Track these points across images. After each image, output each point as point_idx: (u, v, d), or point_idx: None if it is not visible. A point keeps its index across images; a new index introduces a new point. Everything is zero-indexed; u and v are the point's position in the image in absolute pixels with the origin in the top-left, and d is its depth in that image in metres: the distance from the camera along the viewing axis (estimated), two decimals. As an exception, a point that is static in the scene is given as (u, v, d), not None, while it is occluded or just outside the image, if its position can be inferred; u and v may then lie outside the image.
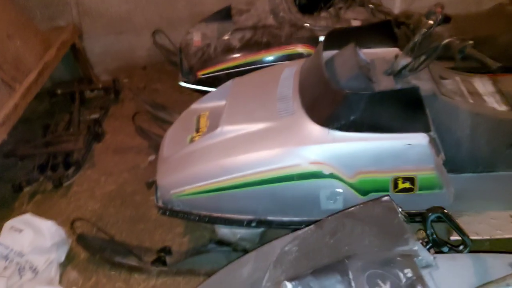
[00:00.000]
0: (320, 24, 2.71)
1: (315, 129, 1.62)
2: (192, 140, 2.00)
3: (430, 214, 1.07)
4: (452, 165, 1.64)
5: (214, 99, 2.26)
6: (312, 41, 2.66)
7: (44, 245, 1.96)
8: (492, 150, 1.67)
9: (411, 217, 1.57)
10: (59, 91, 3.39)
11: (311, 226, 1.09)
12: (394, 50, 2.03)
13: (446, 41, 1.58)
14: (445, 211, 1.12)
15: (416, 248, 0.89)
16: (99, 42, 3.95)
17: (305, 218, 1.67)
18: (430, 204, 1.61)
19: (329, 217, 1.10)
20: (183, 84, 2.85)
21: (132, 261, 2.02)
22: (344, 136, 1.58)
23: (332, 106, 1.59)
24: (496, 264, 0.89)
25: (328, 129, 1.59)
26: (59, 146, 2.82)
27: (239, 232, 1.79)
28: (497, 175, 1.71)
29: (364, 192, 1.61)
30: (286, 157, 1.63)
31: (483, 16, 2.89)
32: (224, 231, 1.81)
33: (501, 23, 2.73)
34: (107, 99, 3.53)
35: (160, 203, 1.84)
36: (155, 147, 2.82)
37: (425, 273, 0.84)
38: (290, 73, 2.04)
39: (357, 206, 1.10)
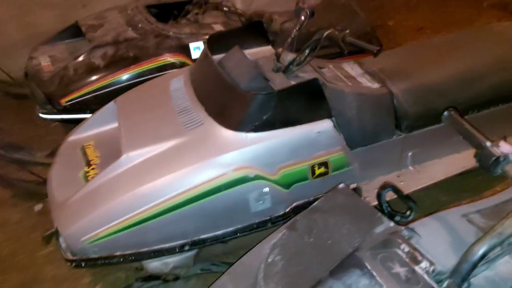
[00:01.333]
0: (185, 31, 2.67)
1: (231, 135, 1.60)
2: (86, 177, 1.77)
3: (383, 190, 1.17)
4: (347, 143, 1.82)
5: (94, 126, 2.05)
6: (181, 49, 2.61)
7: None
8: (375, 123, 1.91)
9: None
10: None
11: (284, 231, 1.08)
12: (268, 49, 2.15)
13: (327, 32, 1.74)
14: (394, 184, 1.24)
15: (391, 224, 0.97)
16: None
17: (238, 226, 1.65)
18: (343, 182, 1.77)
19: (297, 217, 1.10)
20: (44, 116, 2.49)
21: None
22: (260, 136, 1.60)
23: (244, 110, 1.59)
24: (454, 218, 1.03)
25: (244, 132, 1.59)
26: None
27: (172, 261, 1.66)
28: (380, 144, 1.96)
29: (287, 186, 1.67)
30: (209, 169, 1.57)
31: (317, 8, 3.27)
32: (154, 265, 1.66)
33: (334, 13, 3.12)
34: None
35: (69, 256, 1.58)
36: (26, 195, 2.42)
37: (413, 243, 0.92)
38: (178, 84, 1.97)
39: (319, 200, 1.14)
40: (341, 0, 3.21)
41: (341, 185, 1.16)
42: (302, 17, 1.86)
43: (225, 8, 2.99)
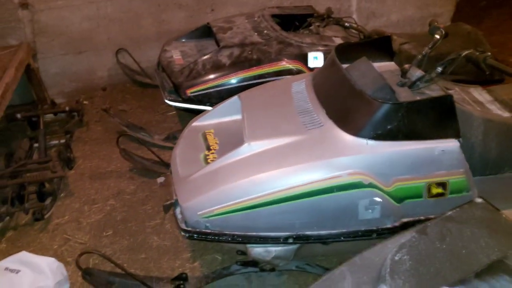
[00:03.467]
0: (306, 41, 2.78)
1: (351, 140, 1.63)
2: (206, 159, 1.91)
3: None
4: (469, 168, 1.73)
5: (216, 116, 2.20)
6: (300, 57, 2.72)
7: (47, 285, 1.72)
8: (500, 153, 1.80)
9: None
10: (19, 116, 3.06)
11: (413, 234, 1.08)
12: (391, 64, 2.15)
13: (466, 52, 1.70)
14: None
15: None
16: (56, 62, 3.68)
17: (343, 230, 1.66)
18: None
19: (429, 223, 1.09)
20: (170, 102, 2.73)
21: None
22: (381, 145, 1.61)
23: (369, 117, 1.61)
24: None
25: (366, 139, 1.61)
26: (32, 175, 2.52)
27: (274, 250, 1.72)
28: (503, 176, 1.84)
29: (399, 200, 1.64)
30: (325, 169, 1.61)
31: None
32: (257, 251, 1.73)
33: (458, 40, 3.01)
34: (71, 122, 3.25)
35: (184, 226, 1.71)
36: (142, 170, 2.67)
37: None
38: (300, 87, 2.05)
39: (453, 211, 1.12)
40: (467, 29, 3.10)
41: (479, 199, 1.13)
42: (437, 36, 1.85)
43: (346, 24, 3.05)
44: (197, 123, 2.21)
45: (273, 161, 1.68)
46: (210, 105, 2.66)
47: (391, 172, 1.61)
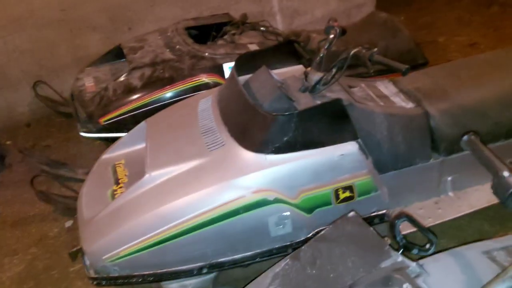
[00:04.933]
0: (220, 52, 2.71)
1: (251, 157, 1.57)
2: (113, 195, 1.81)
3: (397, 220, 1.08)
4: (376, 167, 1.72)
5: (126, 145, 2.10)
6: (215, 69, 2.64)
7: None
8: (408, 145, 1.80)
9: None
10: None
11: (287, 260, 1.02)
12: (299, 68, 2.11)
13: (354, 51, 1.67)
14: (409, 214, 1.14)
15: (400, 259, 0.89)
16: (-32, 104, 3.45)
17: (257, 251, 1.60)
18: (370, 208, 1.68)
19: (303, 247, 1.04)
20: (84, 134, 2.60)
21: None
22: (280, 158, 1.56)
23: (264, 131, 1.56)
24: (473, 255, 0.92)
25: (264, 154, 1.56)
26: None
27: (190, 283, 1.63)
28: (414, 168, 1.83)
29: (309, 210, 1.60)
30: (228, 191, 1.55)
31: (359, 25, 3.19)
32: (173, 287, 1.64)
33: (376, 30, 3.03)
34: (-9, 167, 3.06)
35: (92, 273, 1.61)
36: (65, 211, 2.52)
37: (420, 282, 0.83)
38: (206, 105, 1.98)
39: (327, 228, 1.07)
40: (383, 17, 3.12)
41: (351, 213, 1.09)
42: (332, 35, 1.82)
43: (262, 28, 3.00)
44: (107, 155, 2.09)
45: (176, 190, 1.60)
46: (127, 132, 2.54)
47: (295, 183, 1.57)
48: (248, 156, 1.58)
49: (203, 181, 1.59)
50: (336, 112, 1.56)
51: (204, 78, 2.62)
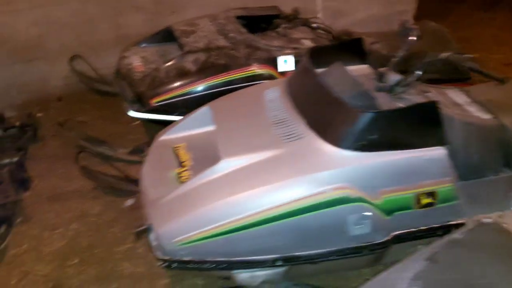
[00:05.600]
0: (274, 44, 2.67)
1: (335, 152, 1.54)
2: (180, 177, 1.76)
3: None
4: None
5: (186, 128, 2.05)
6: (269, 61, 2.60)
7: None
8: (482, 157, 1.77)
9: (433, 231, 1.58)
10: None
11: (423, 262, 0.98)
12: (364, 67, 2.08)
13: (445, 55, 1.64)
14: None
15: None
16: (3, 73, 3.37)
17: (333, 248, 1.57)
18: (449, 216, 1.65)
19: (435, 249, 1.01)
20: (132, 114, 2.54)
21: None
22: (366, 156, 1.52)
23: (351, 127, 1.52)
24: None
25: (349, 150, 1.52)
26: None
27: (262, 275, 1.59)
28: (485, 180, 1.80)
29: (388, 212, 1.57)
30: (308, 185, 1.51)
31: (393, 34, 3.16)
32: (244, 276, 1.60)
33: (425, 38, 3.00)
34: (24, 138, 2.98)
35: (160, 255, 1.56)
36: (107, 189, 2.46)
37: None
38: (273, 95, 1.94)
39: (459, 232, 1.04)
40: (434, 27, 3.10)
41: (488, 220, 1.06)
42: (414, 37, 1.79)
43: (314, 25, 2.96)
44: (165, 136, 2.05)
45: (252, 179, 1.56)
46: (176, 115, 2.49)
47: (378, 183, 1.54)
48: (332, 150, 1.55)
49: (281, 172, 1.55)
50: (430, 115, 1.53)
51: (258, 69, 2.57)
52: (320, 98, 1.69)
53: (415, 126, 1.53)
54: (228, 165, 1.60)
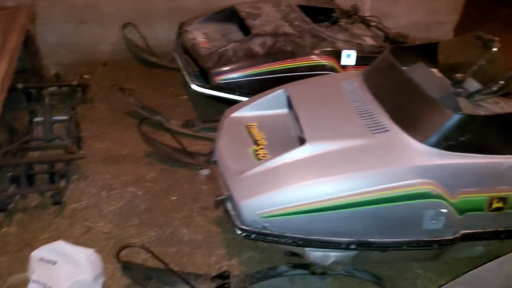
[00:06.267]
0: (339, 37, 2.72)
1: (421, 148, 1.61)
2: (256, 154, 1.83)
3: None
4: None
5: (257, 108, 2.11)
6: (333, 53, 2.67)
7: (85, 279, 1.59)
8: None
9: (497, 234, 1.66)
10: (19, 86, 2.79)
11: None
12: (436, 71, 2.14)
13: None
14: None
15: None
16: (55, 30, 3.41)
17: (405, 239, 1.64)
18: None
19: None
20: (195, 88, 2.60)
21: (185, 291, 1.75)
22: (452, 156, 1.59)
23: (441, 126, 1.59)
24: None
25: (437, 149, 1.59)
26: (49, 155, 2.33)
27: (334, 255, 1.67)
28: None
29: (461, 212, 1.64)
30: (393, 177, 1.58)
31: (458, 42, 3.21)
32: (316, 255, 1.67)
33: (474, 50, 3.06)
34: (76, 98, 3.03)
35: (240, 224, 1.63)
36: (162, 157, 2.52)
37: None
38: (352, 87, 2.00)
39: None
40: (484, 38, 3.15)
41: None
42: (495, 48, 1.86)
43: (372, 23, 3.02)
44: (236, 114, 2.10)
45: (339, 164, 1.63)
46: (238, 95, 2.56)
47: (458, 183, 1.61)
48: (418, 147, 1.62)
49: (368, 162, 1.62)
50: (519, 125, 1.60)
51: (322, 60, 2.64)
52: (408, 95, 1.75)
53: (504, 133, 1.61)
54: (314, 148, 1.67)
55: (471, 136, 1.58)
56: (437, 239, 1.65)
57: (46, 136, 2.56)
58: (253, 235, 1.62)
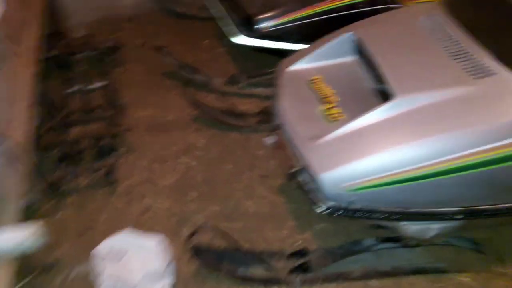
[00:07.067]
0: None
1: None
2: (329, 114, 1.56)
3: None
4: None
5: (319, 58, 1.82)
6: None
7: (157, 269, 1.44)
8: None
9: None
10: (50, 54, 2.56)
11: None
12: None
13: None
14: None
15: None
16: (74, -13, 3.10)
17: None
18: None
19: None
20: (241, 40, 2.29)
21: (261, 272, 1.59)
22: None
23: None
24: None
25: None
26: (97, 129, 2.16)
27: (437, 228, 1.45)
28: None
29: None
30: (509, 131, 1.30)
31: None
32: (415, 229, 1.46)
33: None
34: (108, 61, 2.78)
35: (323, 199, 1.41)
36: (209, 121, 2.29)
37: None
38: (435, 23, 1.66)
39: None
40: None
41: None
42: None
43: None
44: (295, 67, 1.82)
45: (439, 121, 1.35)
46: (291, 42, 2.24)
47: None
48: (538, 93, 1.31)
49: (474, 115, 1.34)
50: None
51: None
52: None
53: None
54: (405, 103, 1.39)
55: None
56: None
57: (85, 107, 2.37)
58: (339, 212, 1.40)
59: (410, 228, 1.45)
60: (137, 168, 2.11)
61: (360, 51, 1.72)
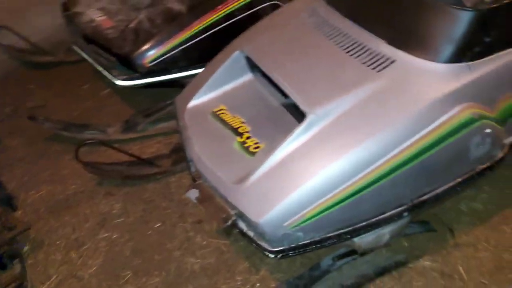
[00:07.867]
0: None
1: (447, 69, 1.28)
2: (246, 147, 1.42)
3: None
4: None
5: (216, 85, 1.66)
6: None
7: None
8: None
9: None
10: None
11: None
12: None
13: None
14: None
15: None
16: None
17: (458, 180, 1.37)
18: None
19: None
20: (123, 83, 2.05)
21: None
22: (483, 64, 1.29)
23: (460, 33, 1.26)
24: None
25: (465, 62, 1.27)
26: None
27: (388, 231, 1.38)
28: None
29: (502, 122, 1.39)
30: (426, 118, 1.26)
31: None
32: (369, 240, 1.37)
33: None
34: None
35: (271, 246, 1.28)
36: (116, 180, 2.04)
37: None
38: (318, 18, 1.58)
39: None
40: None
41: None
42: None
43: None
44: (194, 102, 1.65)
45: (360, 127, 1.27)
46: (178, 72, 2.05)
47: (497, 92, 1.35)
48: (440, 69, 1.29)
49: (392, 110, 1.28)
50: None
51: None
52: (405, 6, 1.36)
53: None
54: (320, 119, 1.28)
55: (497, 32, 1.26)
56: (488, 165, 1.39)
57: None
58: (291, 252, 1.28)
59: (364, 241, 1.37)
60: (51, 265, 1.79)
61: (253, 67, 1.59)
